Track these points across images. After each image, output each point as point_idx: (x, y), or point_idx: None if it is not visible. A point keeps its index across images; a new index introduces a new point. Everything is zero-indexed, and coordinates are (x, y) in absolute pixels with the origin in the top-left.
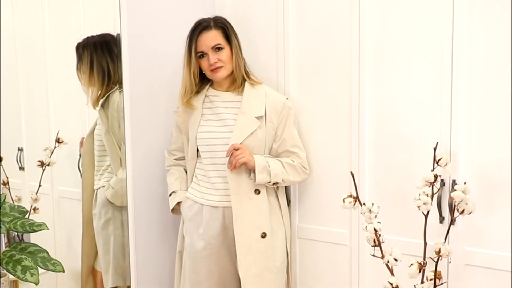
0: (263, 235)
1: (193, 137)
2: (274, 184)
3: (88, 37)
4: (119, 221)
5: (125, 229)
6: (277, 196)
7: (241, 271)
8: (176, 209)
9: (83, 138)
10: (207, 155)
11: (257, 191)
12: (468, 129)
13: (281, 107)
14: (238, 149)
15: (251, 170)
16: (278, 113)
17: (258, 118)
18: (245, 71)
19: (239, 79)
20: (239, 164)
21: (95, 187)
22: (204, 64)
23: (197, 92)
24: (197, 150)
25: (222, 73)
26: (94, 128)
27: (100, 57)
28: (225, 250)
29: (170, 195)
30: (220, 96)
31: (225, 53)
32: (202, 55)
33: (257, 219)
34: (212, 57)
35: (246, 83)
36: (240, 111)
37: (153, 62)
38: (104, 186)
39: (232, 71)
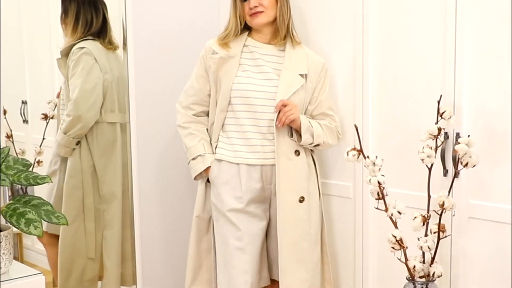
0: (301, 200)
1: (227, 87)
2: (315, 146)
3: None
4: (63, 173)
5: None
6: (313, 160)
7: (278, 236)
8: (201, 174)
9: (60, 90)
10: (244, 108)
11: (297, 152)
12: (472, 82)
13: (320, 68)
14: (286, 105)
15: (292, 130)
16: (317, 74)
17: (301, 76)
18: (289, 26)
19: (282, 30)
20: (289, 120)
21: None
22: (245, 8)
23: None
24: (229, 103)
25: (262, 19)
26: None
27: (87, 10)
28: (263, 213)
29: (194, 158)
30: (262, 48)
31: None
32: None
33: (296, 182)
34: (253, 1)
35: (288, 40)
36: (283, 67)
37: (158, 25)
38: None
39: (274, 20)
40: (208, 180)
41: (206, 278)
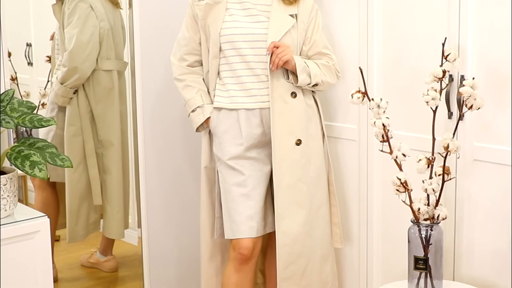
0: (298, 142)
1: (216, 33)
2: (313, 86)
3: None
4: (62, 121)
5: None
6: (315, 100)
7: (275, 180)
8: (202, 125)
9: (54, 33)
10: (234, 53)
11: (294, 94)
12: (477, 24)
13: (310, 8)
14: (278, 47)
15: (288, 72)
16: (308, 13)
17: (292, 16)
18: None
19: None
20: (282, 62)
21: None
22: None
23: None
24: (220, 50)
25: None
26: None
27: None
28: (267, 158)
29: (194, 110)
30: None
31: None
32: None
33: (291, 125)
34: None
35: None
36: (272, 8)
37: None
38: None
39: None
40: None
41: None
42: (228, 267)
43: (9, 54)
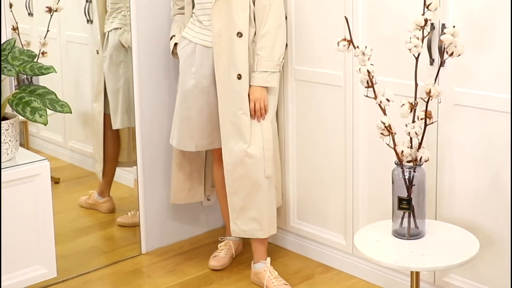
0: (239, 77)
1: None
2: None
3: None
4: (131, 64)
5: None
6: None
7: (219, 110)
8: (175, 52)
9: None
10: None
11: (239, 34)
12: None
13: None
14: (256, 109)
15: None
16: None
17: None
18: None
19: None
20: (264, 110)
21: (105, 30)
22: None
23: None
24: None
25: None
26: None
27: None
28: (215, 90)
29: (171, 38)
30: None
31: None
32: None
33: (235, 61)
34: None
35: None
36: None
37: None
38: (116, 28)
39: None
40: None
41: None
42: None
43: (10, 5)
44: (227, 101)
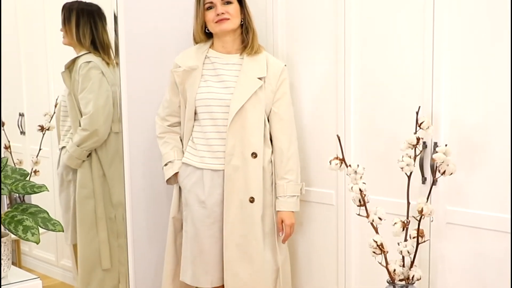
0: (251, 200)
1: (192, 98)
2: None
3: (76, 1)
4: (75, 184)
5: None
6: (271, 161)
7: (224, 233)
8: (172, 179)
9: (57, 100)
10: (207, 116)
11: (254, 155)
12: (449, 93)
13: (279, 72)
14: (288, 234)
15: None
16: (277, 77)
17: (259, 79)
18: (254, 33)
19: (246, 38)
20: (293, 231)
21: (59, 147)
22: (210, 15)
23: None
24: (195, 113)
25: (227, 25)
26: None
27: (85, 22)
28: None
29: (166, 165)
30: (222, 58)
31: (234, 7)
32: (210, 7)
33: (247, 183)
34: (220, 7)
35: (250, 47)
36: (241, 72)
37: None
38: (65, 147)
39: (237, 29)
40: None
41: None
42: None
43: (3, 124)
44: (233, 224)
